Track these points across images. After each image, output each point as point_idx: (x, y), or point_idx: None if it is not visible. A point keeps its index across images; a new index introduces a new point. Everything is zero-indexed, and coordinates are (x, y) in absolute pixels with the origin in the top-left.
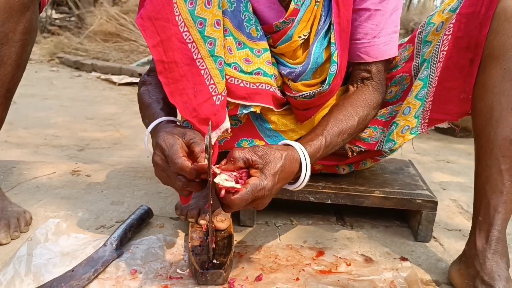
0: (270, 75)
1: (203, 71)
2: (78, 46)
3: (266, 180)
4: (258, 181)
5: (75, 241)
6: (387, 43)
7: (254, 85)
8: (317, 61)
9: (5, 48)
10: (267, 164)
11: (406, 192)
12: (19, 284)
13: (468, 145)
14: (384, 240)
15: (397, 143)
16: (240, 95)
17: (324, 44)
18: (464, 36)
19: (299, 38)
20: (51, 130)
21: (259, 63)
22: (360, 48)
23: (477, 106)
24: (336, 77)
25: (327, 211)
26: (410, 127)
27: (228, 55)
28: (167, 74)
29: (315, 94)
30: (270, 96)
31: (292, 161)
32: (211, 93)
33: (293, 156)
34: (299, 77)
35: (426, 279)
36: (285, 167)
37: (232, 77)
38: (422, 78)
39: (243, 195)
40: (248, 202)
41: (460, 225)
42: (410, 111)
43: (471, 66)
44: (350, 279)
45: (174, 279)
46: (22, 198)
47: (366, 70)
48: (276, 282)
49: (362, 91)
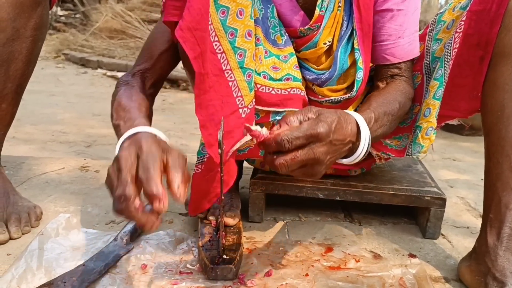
0: (299, 80)
1: (231, 83)
2: (84, 43)
3: (321, 124)
4: (313, 122)
5: (85, 236)
6: (411, 42)
7: (285, 91)
8: (343, 68)
9: (17, 43)
10: (320, 114)
11: (414, 189)
12: (31, 278)
13: (474, 143)
14: (392, 237)
15: (424, 146)
16: (273, 102)
17: (348, 49)
18: (474, 34)
19: (324, 44)
20: (58, 126)
21: (287, 68)
22: (385, 50)
23: (488, 103)
24: (362, 83)
25: (335, 208)
26: (433, 128)
27: (259, 64)
28: (200, 86)
29: (341, 100)
30: (301, 100)
31: (348, 118)
32: (237, 106)
33: (349, 116)
34: (325, 83)
35: (435, 275)
36: (341, 121)
37: (262, 85)
38: (438, 77)
39: (290, 131)
40: (301, 144)
41: (468, 223)
42: (431, 112)
43: (481, 64)
44: (359, 275)
45: (184, 274)
46: (32, 193)
47: (396, 68)
48: (286, 277)
49: (395, 84)
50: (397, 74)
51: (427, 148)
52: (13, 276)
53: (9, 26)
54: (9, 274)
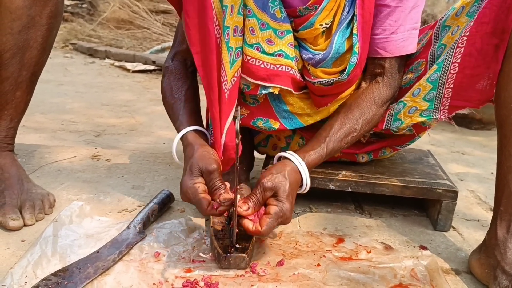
0: (291, 58)
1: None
2: (91, 33)
3: (284, 204)
4: (278, 208)
5: (98, 223)
6: (405, 39)
7: (274, 67)
8: (339, 51)
9: (32, 31)
10: (278, 190)
11: (426, 181)
12: (46, 264)
13: (483, 137)
14: (403, 229)
15: (404, 122)
16: (260, 75)
17: (346, 34)
18: (489, 22)
19: (321, 26)
20: (67, 115)
21: (281, 44)
22: (378, 43)
23: (501, 95)
24: (355, 68)
25: (345, 200)
26: (418, 108)
27: (250, 36)
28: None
29: (333, 82)
30: (289, 78)
31: (295, 174)
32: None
33: (294, 169)
34: (319, 63)
35: (446, 267)
36: (292, 183)
37: (253, 57)
38: (438, 62)
39: (270, 224)
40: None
41: (479, 216)
42: (419, 92)
43: (496, 52)
44: (370, 266)
45: (196, 262)
46: (44, 181)
47: (380, 65)
48: (298, 267)
49: (372, 89)
50: (379, 73)
51: (407, 125)
52: (28, 262)
53: (24, 13)
54: (24, 260)
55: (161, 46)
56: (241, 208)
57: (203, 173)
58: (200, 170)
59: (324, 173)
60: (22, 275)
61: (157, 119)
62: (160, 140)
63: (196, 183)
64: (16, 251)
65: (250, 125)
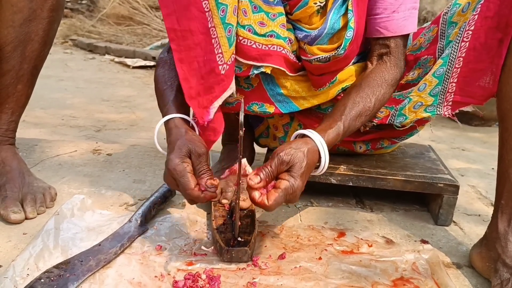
0: (283, 38)
1: (214, 40)
2: (91, 29)
3: (296, 181)
4: (289, 184)
5: (100, 217)
6: (406, 18)
7: (266, 47)
8: (334, 27)
9: (33, 24)
10: (293, 166)
11: (427, 175)
12: (48, 257)
13: (483, 133)
14: (404, 223)
15: (408, 118)
16: (252, 55)
17: (342, 11)
18: (494, 16)
19: (315, 4)
20: (67, 111)
21: (273, 26)
22: (379, 22)
23: (503, 89)
24: (352, 43)
25: (347, 194)
26: (423, 103)
27: (243, 17)
28: (179, 42)
29: (330, 58)
30: (281, 58)
31: (313, 154)
32: (217, 62)
33: (313, 149)
34: (315, 40)
35: (447, 261)
36: (309, 163)
37: (244, 38)
38: (443, 57)
39: (277, 199)
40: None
41: (480, 210)
42: (425, 87)
43: (499, 47)
44: (372, 259)
45: (198, 255)
46: (45, 175)
47: (385, 45)
48: (299, 260)
49: (380, 69)
50: (385, 53)
51: (411, 121)
52: (30, 254)
53: (26, 6)
54: (26, 252)
55: (161, 42)
56: (252, 180)
57: (191, 154)
58: (189, 151)
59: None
60: (24, 268)
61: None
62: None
63: (185, 161)
64: (18, 244)
65: (245, 110)
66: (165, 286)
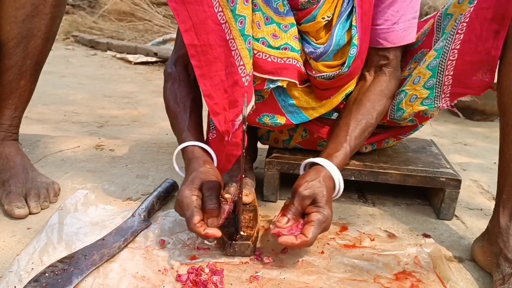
0: (297, 51)
1: (234, 52)
2: (93, 25)
3: (325, 210)
4: (320, 215)
5: (103, 211)
6: (406, 29)
7: (281, 60)
8: (339, 43)
9: (36, 20)
10: (316, 197)
11: (429, 170)
12: (52, 251)
13: (485, 128)
14: (406, 218)
15: (406, 111)
16: (268, 69)
17: (346, 26)
18: (490, 7)
19: (323, 19)
20: (70, 107)
21: (286, 38)
22: (380, 34)
23: (503, 83)
24: (356, 60)
25: (349, 189)
26: (418, 96)
27: (257, 30)
28: (200, 57)
29: (334, 76)
30: (296, 71)
31: (329, 180)
32: (240, 75)
33: (327, 175)
34: (320, 57)
35: (449, 255)
36: (328, 189)
37: (260, 51)
38: (437, 49)
39: (314, 231)
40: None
41: (482, 205)
42: (419, 80)
43: (496, 38)
44: (374, 253)
45: (201, 249)
46: (49, 171)
47: (384, 57)
48: (302, 254)
49: (379, 81)
50: (384, 65)
51: (409, 114)
52: (35, 249)
53: (28, 2)
54: (31, 247)
55: (162, 38)
56: (280, 222)
57: (203, 187)
58: (201, 184)
59: None
60: (28, 262)
61: (159, 110)
62: (163, 131)
63: (194, 194)
64: (22, 238)
65: (256, 122)
66: (168, 280)
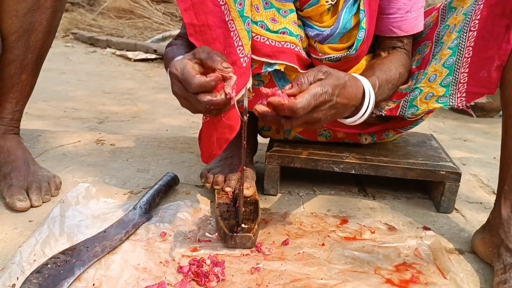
0: (295, 35)
1: (233, 33)
2: (92, 23)
3: (326, 87)
4: (319, 87)
5: (104, 205)
6: (417, 17)
7: (279, 44)
8: (346, 26)
9: (37, 14)
10: (329, 76)
11: (430, 163)
12: (54, 243)
13: (485, 124)
14: (406, 211)
15: (420, 109)
16: (265, 52)
17: (353, 10)
18: (498, 3)
19: (326, 2)
20: (70, 103)
21: (285, 23)
22: (393, 22)
23: (506, 76)
24: (363, 43)
25: (349, 182)
26: (434, 94)
27: (255, 13)
28: (198, 37)
29: (341, 58)
30: (294, 55)
31: (355, 83)
32: (238, 55)
33: (357, 81)
34: (326, 40)
35: (449, 247)
36: (348, 86)
37: (258, 34)
38: (452, 47)
39: (306, 98)
40: (309, 110)
41: (481, 198)
42: (436, 78)
43: (506, 33)
44: (375, 245)
45: (202, 242)
46: (50, 165)
47: (399, 40)
48: (302, 246)
49: (397, 55)
50: (399, 46)
51: (422, 111)
52: (37, 241)
53: None
54: (33, 239)
55: (162, 35)
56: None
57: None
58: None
59: (328, 155)
60: (31, 253)
61: (159, 106)
62: (163, 127)
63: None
64: (24, 231)
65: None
66: (170, 272)
